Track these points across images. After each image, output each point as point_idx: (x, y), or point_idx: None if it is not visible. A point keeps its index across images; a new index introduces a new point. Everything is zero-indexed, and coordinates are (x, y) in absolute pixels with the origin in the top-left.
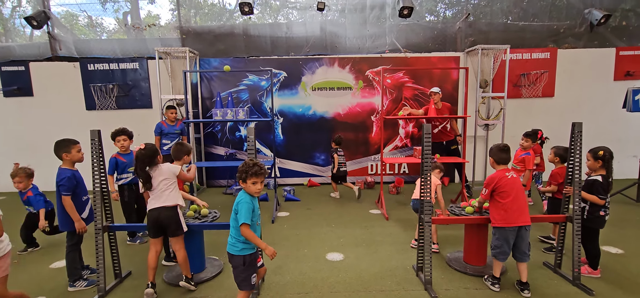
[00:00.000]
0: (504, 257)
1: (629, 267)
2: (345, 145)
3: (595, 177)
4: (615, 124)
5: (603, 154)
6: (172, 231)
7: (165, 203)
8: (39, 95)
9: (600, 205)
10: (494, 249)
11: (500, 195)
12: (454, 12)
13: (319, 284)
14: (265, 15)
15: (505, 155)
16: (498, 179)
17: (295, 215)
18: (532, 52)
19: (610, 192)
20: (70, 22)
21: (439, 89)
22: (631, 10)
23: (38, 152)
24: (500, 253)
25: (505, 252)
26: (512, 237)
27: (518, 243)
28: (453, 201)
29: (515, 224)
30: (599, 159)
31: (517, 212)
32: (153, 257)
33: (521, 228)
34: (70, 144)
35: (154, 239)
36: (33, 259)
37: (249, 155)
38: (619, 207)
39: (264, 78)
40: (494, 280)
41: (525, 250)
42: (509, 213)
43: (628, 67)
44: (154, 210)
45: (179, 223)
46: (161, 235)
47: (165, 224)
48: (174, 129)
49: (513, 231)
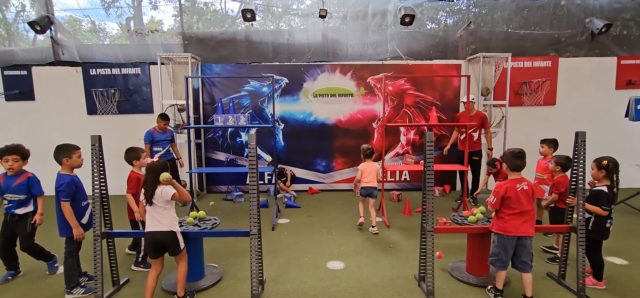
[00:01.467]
0: (501, 265)
1: (635, 277)
2: (345, 151)
3: (601, 188)
4: (618, 132)
5: (607, 164)
6: (172, 250)
7: (160, 228)
8: (41, 100)
9: (605, 217)
10: (492, 256)
11: (506, 207)
12: (456, 20)
13: (320, 294)
14: (268, 22)
15: (519, 162)
16: (507, 189)
17: (295, 223)
18: (533, 61)
19: (615, 202)
20: (74, 27)
21: (472, 98)
22: (632, 19)
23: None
24: (497, 261)
25: (502, 260)
26: (511, 246)
27: (519, 252)
28: (455, 210)
29: (514, 234)
30: (603, 169)
31: (517, 221)
32: (153, 278)
33: (522, 237)
34: (72, 149)
35: (155, 260)
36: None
37: (250, 161)
38: (623, 217)
39: (265, 84)
40: (497, 292)
41: (526, 261)
42: (509, 223)
43: (629, 76)
44: (150, 233)
45: (177, 242)
46: (162, 255)
47: (163, 244)
48: (165, 136)
49: (512, 240)
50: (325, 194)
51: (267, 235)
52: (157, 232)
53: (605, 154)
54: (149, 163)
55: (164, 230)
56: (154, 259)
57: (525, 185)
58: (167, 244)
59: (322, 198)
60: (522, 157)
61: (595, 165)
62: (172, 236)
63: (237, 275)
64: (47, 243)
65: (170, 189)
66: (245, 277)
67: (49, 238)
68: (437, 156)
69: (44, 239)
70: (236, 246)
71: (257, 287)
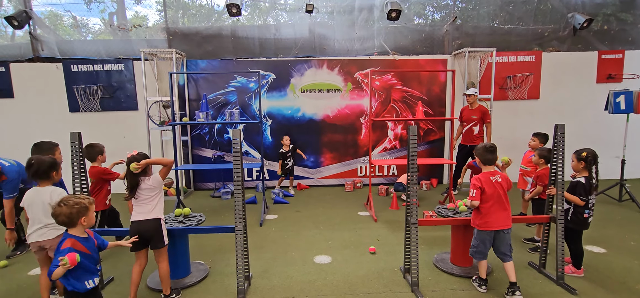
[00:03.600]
0: (480, 257)
1: (612, 266)
2: (333, 146)
3: (579, 179)
4: (598, 125)
5: (586, 156)
6: (154, 243)
7: (149, 215)
8: (20, 97)
9: (582, 208)
10: (472, 248)
11: (484, 200)
12: (442, 15)
13: (306, 287)
14: (254, 17)
15: (490, 156)
16: (483, 182)
17: (283, 218)
18: (517, 55)
19: (594, 193)
20: (54, 22)
21: (474, 91)
22: (612, 14)
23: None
24: (477, 253)
25: (481, 252)
26: (489, 240)
27: (497, 244)
28: (441, 202)
29: (492, 228)
30: (582, 160)
31: (495, 215)
32: (137, 272)
33: (500, 231)
34: (53, 146)
35: (138, 252)
36: (10, 266)
37: (234, 157)
38: (602, 207)
39: (252, 80)
40: (481, 282)
41: (505, 251)
42: (487, 217)
43: (610, 70)
44: (137, 223)
45: (162, 235)
46: (145, 248)
47: (147, 236)
48: None
49: (490, 234)
50: (314, 189)
51: (255, 231)
52: (142, 221)
53: (587, 146)
54: (128, 156)
55: (150, 218)
56: (137, 251)
57: (498, 177)
58: (151, 236)
59: (311, 194)
60: (494, 151)
61: (575, 156)
62: (157, 225)
63: (224, 271)
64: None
65: (156, 173)
66: (231, 273)
67: None
68: (422, 150)
69: None
70: (222, 242)
71: (243, 283)
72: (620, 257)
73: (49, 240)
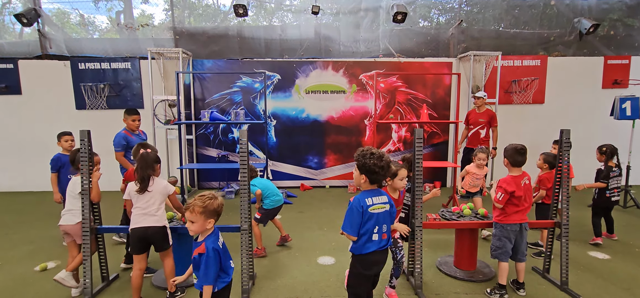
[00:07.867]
0: (506, 257)
1: (616, 272)
2: (337, 148)
3: (600, 166)
4: (604, 131)
5: (605, 149)
6: (159, 246)
7: (153, 223)
8: (28, 94)
9: (604, 188)
10: (495, 250)
11: (511, 204)
12: (447, 18)
13: (310, 288)
14: (260, 18)
15: (520, 158)
16: (513, 185)
17: (287, 219)
18: (523, 59)
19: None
20: (62, 20)
21: (483, 94)
22: (619, 20)
23: (26, 151)
24: (503, 253)
25: (506, 251)
26: (514, 236)
27: (518, 243)
28: (444, 206)
29: (517, 221)
30: (602, 154)
31: (520, 214)
32: (137, 276)
33: (522, 227)
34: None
35: (138, 256)
36: (17, 262)
37: (241, 157)
38: None
39: (257, 80)
40: (502, 291)
41: (524, 251)
42: (512, 217)
43: (615, 76)
44: (140, 229)
45: (166, 237)
46: (146, 251)
47: (151, 241)
48: (141, 137)
49: (515, 229)
50: (317, 191)
51: None
52: (148, 228)
53: (592, 152)
54: (141, 153)
55: (156, 226)
56: (138, 255)
57: (526, 180)
58: (156, 240)
59: (314, 195)
60: (524, 152)
61: (598, 151)
62: (164, 231)
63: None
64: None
65: (171, 187)
66: (236, 272)
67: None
68: (427, 153)
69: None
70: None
71: (247, 282)
72: (625, 263)
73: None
